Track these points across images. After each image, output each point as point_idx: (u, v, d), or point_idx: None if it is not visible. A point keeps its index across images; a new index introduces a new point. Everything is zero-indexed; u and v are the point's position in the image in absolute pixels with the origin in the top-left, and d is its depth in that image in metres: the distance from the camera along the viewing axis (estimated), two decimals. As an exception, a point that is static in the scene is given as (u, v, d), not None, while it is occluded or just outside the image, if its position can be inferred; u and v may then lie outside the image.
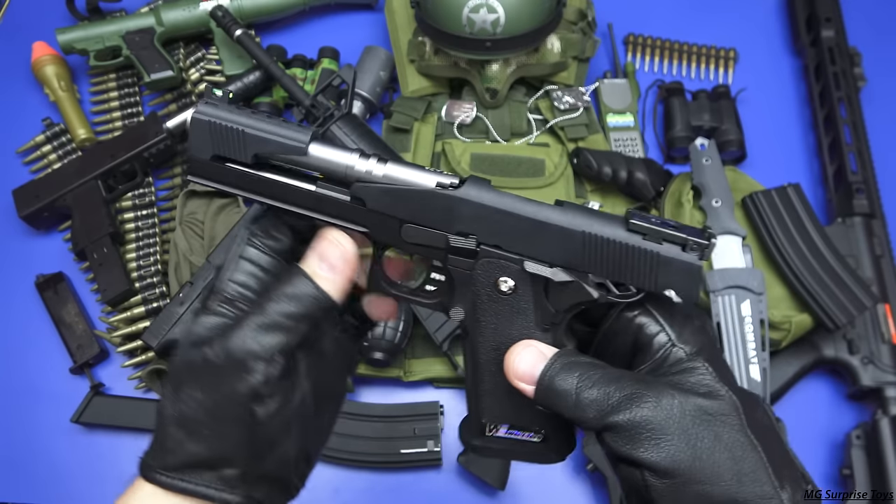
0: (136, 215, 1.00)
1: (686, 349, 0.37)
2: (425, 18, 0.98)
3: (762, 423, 0.36)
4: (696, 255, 0.37)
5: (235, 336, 0.36)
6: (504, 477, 0.84)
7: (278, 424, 0.36)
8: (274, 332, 0.36)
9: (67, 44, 1.08)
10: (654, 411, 0.34)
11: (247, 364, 0.35)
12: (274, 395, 0.36)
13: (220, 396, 0.36)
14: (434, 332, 0.87)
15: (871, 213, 0.98)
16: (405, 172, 0.39)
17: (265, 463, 0.37)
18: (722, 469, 0.33)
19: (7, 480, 0.89)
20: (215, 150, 0.39)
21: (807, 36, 1.14)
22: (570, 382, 0.36)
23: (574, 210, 0.38)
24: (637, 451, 0.34)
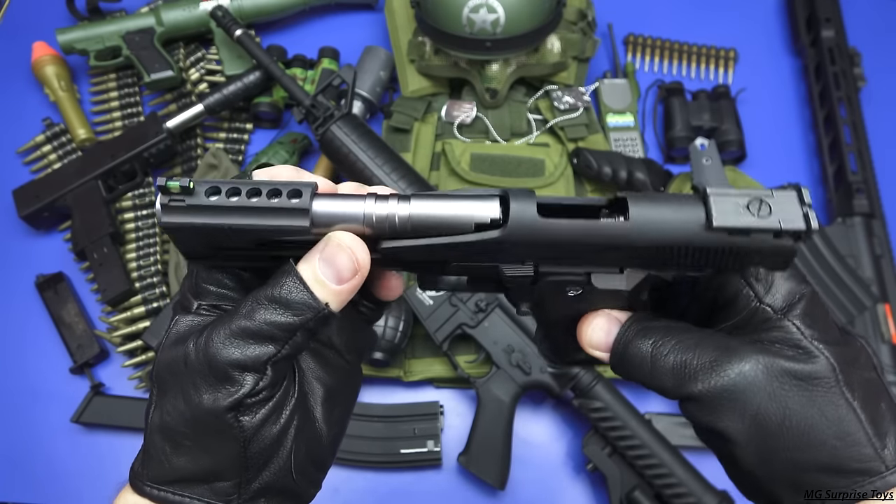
0: (136, 215, 1.00)
1: (775, 305, 0.33)
2: (425, 18, 0.98)
3: (863, 377, 0.33)
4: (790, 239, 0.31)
5: (217, 342, 0.32)
6: (504, 477, 0.84)
7: (272, 434, 0.33)
8: (261, 341, 0.32)
9: (67, 44, 1.08)
10: (737, 379, 0.32)
11: (229, 375, 0.31)
12: (263, 405, 0.33)
13: (202, 409, 0.32)
14: (434, 332, 0.87)
15: (871, 213, 0.98)
16: (435, 207, 0.32)
17: (262, 475, 0.34)
18: (814, 434, 0.31)
19: (7, 480, 0.89)
20: (209, 245, 0.33)
21: (807, 36, 1.15)
22: (645, 350, 0.34)
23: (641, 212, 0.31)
24: (720, 421, 0.32)
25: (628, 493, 0.83)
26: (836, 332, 0.34)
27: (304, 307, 0.32)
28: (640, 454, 0.82)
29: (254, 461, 0.33)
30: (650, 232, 0.31)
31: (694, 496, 0.80)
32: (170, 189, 0.31)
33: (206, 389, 0.32)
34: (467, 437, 0.85)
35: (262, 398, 0.33)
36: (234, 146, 1.07)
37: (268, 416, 0.33)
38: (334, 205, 0.32)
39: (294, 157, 1.02)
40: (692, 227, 0.31)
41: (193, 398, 0.32)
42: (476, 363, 0.89)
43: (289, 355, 0.33)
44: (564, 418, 0.92)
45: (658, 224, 0.31)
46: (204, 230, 0.32)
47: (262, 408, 0.33)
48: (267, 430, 0.33)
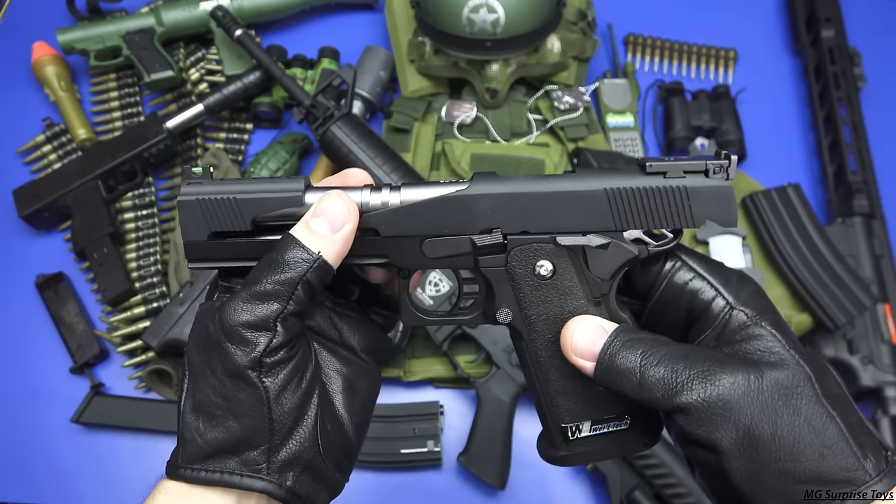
0: (136, 215, 1.00)
1: (747, 311, 0.35)
2: (425, 18, 0.98)
3: (834, 390, 0.34)
4: (721, 177, 0.37)
5: (229, 311, 0.34)
6: (504, 477, 0.84)
7: (295, 398, 0.35)
8: (267, 300, 0.34)
9: (67, 44, 1.08)
10: (731, 389, 0.32)
11: (243, 336, 0.34)
12: (282, 365, 0.35)
13: (227, 373, 0.34)
14: (434, 332, 0.87)
15: (871, 213, 0.98)
16: (419, 193, 0.37)
17: (289, 443, 0.35)
18: (803, 444, 0.32)
19: (7, 480, 0.89)
20: (211, 227, 0.38)
21: (807, 36, 1.14)
22: (634, 360, 0.34)
23: (588, 173, 0.37)
24: (714, 432, 0.32)
25: (628, 493, 0.83)
26: (800, 346, 0.35)
27: (299, 260, 0.35)
28: (639, 454, 0.82)
29: (279, 425, 0.35)
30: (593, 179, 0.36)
31: (694, 496, 0.80)
32: (193, 174, 0.38)
33: (228, 355, 0.34)
34: (467, 437, 0.85)
35: (280, 358, 0.35)
36: (234, 146, 1.07)
37: (289, 379, 0.35)
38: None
39: (294, 157, 1.02)
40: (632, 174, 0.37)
41: (218, 366, 0.35)
42: (476, 363, 0.89)
43: (295, 312, 0.35)
44: (564, 418, 0.92)
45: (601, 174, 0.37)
46: (212, 204, 0.37)
47: (282, 369, 0.35)
48: (289, 393, 0.35)
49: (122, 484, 0.89)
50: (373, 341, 0.41)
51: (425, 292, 0.88)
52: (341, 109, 0.92)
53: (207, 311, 0.36)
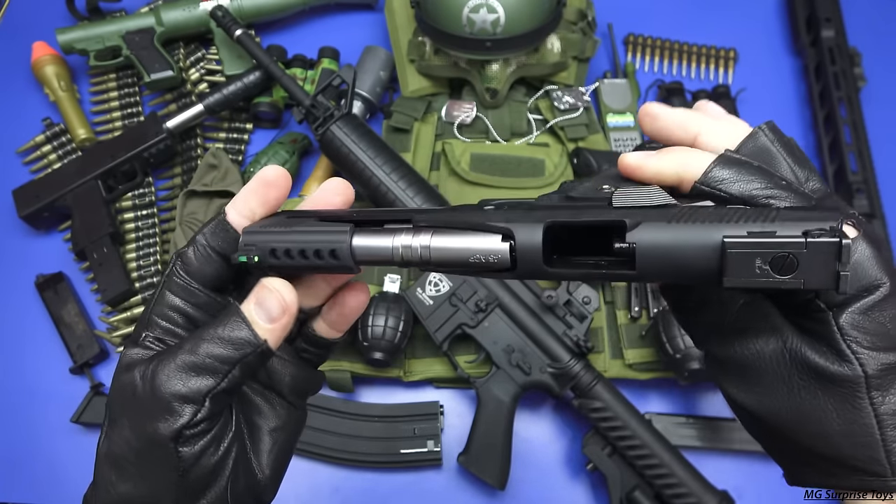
0: (136, 215, 1.00)
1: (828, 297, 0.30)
2: (425, 18, 0.98)
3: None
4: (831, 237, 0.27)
5: (162, 374, 0.34)
6: (504, 477, 0.84)
7: (209, 465, 0.35)
8: (203, 374, 0.34)
9: (67, 44, 1.08)
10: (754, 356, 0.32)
11: (171, 406, 0.33)
12: (202, 437, 0.34)
13: (146, 437, 0.34)
14: (434, 332, 0.87)
15: (871, 213, 0.98)
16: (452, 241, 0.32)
17: (199, 501, 0.35)
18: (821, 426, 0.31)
19: (7, 480, 0.89)
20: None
21: (807, 36, 1.15)
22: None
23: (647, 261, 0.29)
24: (726, 384, 0.33)
25: (628, 493, 0.83)
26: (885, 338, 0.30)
27: (243, 343, 0.34)
28: (640, 454, 0.82)
29: (191, 490, 0.35)
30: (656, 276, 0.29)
31: (694, 496, 0.80)
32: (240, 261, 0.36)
33: (150, 419, 0.33)
34: (467, 437, 0.85)
35: (201, 430, 0.34)
36: (234, 146, 1.07)
37: (206, 448, 0.35)
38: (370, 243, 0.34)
39: (294, 157, 1.02)
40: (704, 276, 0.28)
41: (138, 427, 0.34)
42: (476, 363, 0.89)
43: (227, 389, 0.34)
44: (564, 418, 0.92)
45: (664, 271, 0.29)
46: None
47: (200, 439, 0.34)
48: (205, 460, 0.35)
49: None
50: (302, 380, 0.41)
51: (425, 292, 0.88)
52: (341, 109, 0.92)
53: (138, 363, 0.35)
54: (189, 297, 0.36)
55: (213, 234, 0.36)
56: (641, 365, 0.89)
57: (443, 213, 0.34)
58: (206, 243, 0.36)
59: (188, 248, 0.36)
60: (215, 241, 0.36)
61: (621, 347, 0.90)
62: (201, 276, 0.36)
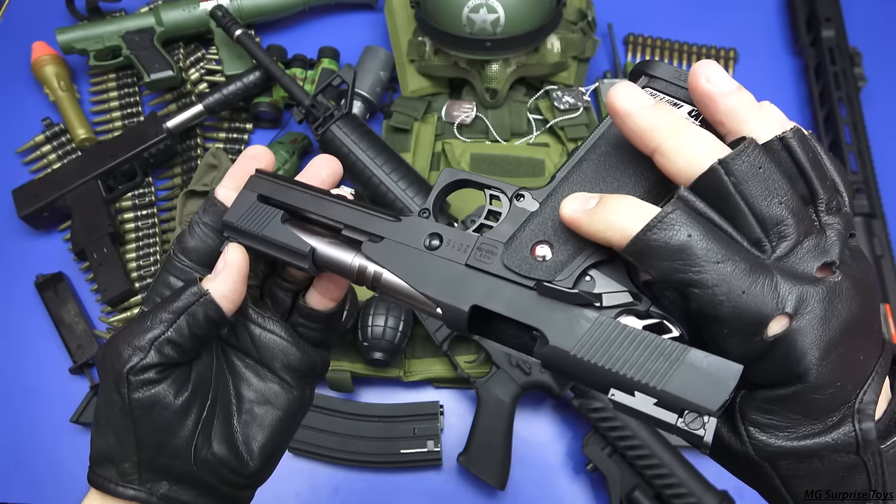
0: (136, 215, 1.00)
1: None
2: (425, 18, 0.98)
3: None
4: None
5: (122, 331, 0.37)
6: (504, 477, 0.84)
7: (163, 417, 0.37)
8: (155, 325, 0.37)
9: (67, 44, 1.08)
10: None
11: (121, 353, 0.36)
12: (151, 385, 0.36)
13: (105, 386, 0.37)
14: (434, 332, 0.87)
15: (872, 213, 0.98)
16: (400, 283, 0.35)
17: (159, 458, 0.37)
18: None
19: (7, 480, 0.89)
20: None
21: (807, 36, 1.14)
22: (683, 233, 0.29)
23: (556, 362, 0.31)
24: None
25: (628, 493, 0.83)
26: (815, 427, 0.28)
27: (188, 294, 0.37)
28: (640, 454, 0.82)
29: (146, 440, 0.37)
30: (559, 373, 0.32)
31: (694, 496, 0.80)
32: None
33: (108, 370, 0.37)
34: (467, 437, 0.85)
35: (149, 378, 0.36)
36: (234, 146, 1.07)
37: (155, 400, 0.37)
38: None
39: (294, 157, 1.02)
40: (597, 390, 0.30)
41: (102, 381, 0.38)
42: (476, 363, 0.89)
43: (173, 339, 0.37)
44: (564, 418, 0.92)
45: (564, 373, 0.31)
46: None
47: (150, 388, 0.36)
48: (156, 412, 0.37)
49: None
50: (296, 358, 0.41)
51: (425, 292, 0.88)
52: (341, 109, 0.92)
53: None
54: (183, 275, 0.39)
55: (205, 211, 0.40)
56: (641, 365, 0.89)
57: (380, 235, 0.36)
58: (199, 221, 0.40)
59: (184, 231, 0.40)
60: (207, 218, 0.40)
61: (621, 347, 0.90)
62: (197, 254, 0.40)
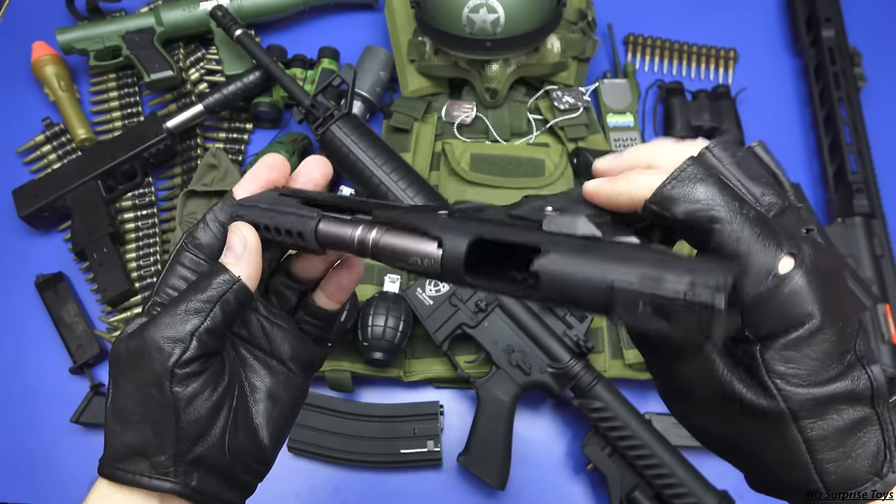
0: (136, 215, 1.00)
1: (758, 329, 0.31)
2: (425, 18, 0.98)
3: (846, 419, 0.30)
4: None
5: (153, 324, 0.37)
6: (504, 477, 0.84)
7: (204, 410, 0.37)
8: (188, 317, 0.37)
9: (67, 44, 1.08)
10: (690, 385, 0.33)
11: (161, 347, 0.36)
12: (193, 378, 0.37)
13: (142, 381, 0.37)
14: (434, 332, 0.87)
15: (872, 213, 0.98)
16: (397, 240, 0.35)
17: (196, 448, 0.38)
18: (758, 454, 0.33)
19: (7, 480, 0.89)
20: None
21: (807, 36, 1.14)
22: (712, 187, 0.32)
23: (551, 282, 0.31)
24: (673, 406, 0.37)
25: (628, 493, 0.83)
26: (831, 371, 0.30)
27: (220, 283, 0.38)
28: (640, 454, 0.82)
29: (187, 433, 0.37)
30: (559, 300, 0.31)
31: (694, 496, 0.80)
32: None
33: (147, 363, 0.37)
34: (467, 437, 0.85)
35: (192, 371, 0.37)
36: (234, 146, 1.07)
37: (198, 391, 0.37)
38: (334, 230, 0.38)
39: (294, 157, 1.02)
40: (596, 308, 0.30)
41: (136, 375, 0.37)
42: (476, 363, 0.89)
43: (211, 328, 0.37)
44: (564, 418, 0.92)
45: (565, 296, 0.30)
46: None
47: (193, 381, 0.37)
48: (199, 403, 0.37)
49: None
50: (302, 351, 0.44)
51: (425, 292, 0.88)
52: (341, 109, 0.92)
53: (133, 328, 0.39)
54: (197, 268, 0.40)
55: (222, 209, 0.41)
56: (641, 365, 0.89)
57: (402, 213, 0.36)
58: (215, 218, 0.41)
59: (197, 225, 0.41)
60: (223, 216, 0.41)
61: (621, 347, 0.90)
62: (210, 250, 0.40)
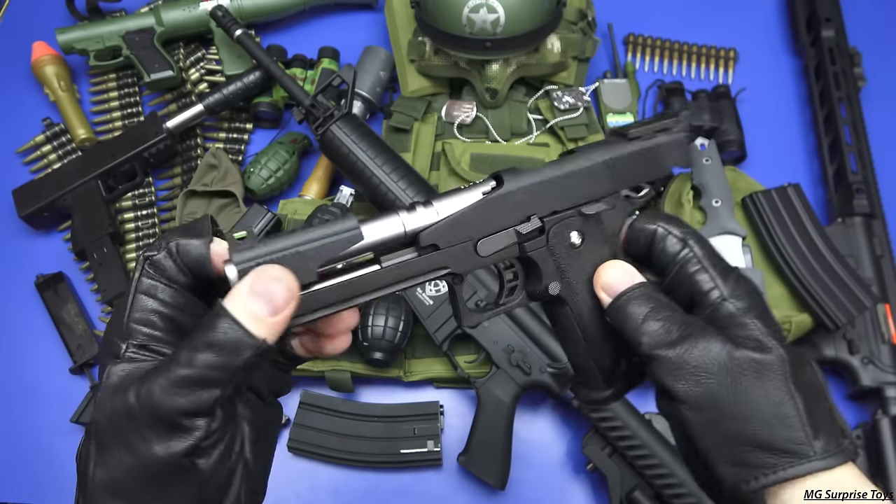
0: (136, 215, 1.00)
1: (737, 304, 0.40)
2: (425, 18, 0.98)
3: (808, 379, 0.38)
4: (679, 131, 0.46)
5: (159, 393, 0.31)
6: (504, 477, 0.84)
7: (225, 473, 0.34)
8: (205, 387, 0.31)
9: (67, 44, 1.08)
10: (703, 353, 0.37)
11: (179, 423, 0.31)
12: (217, 446, 0.33)
13: (156, 459, 0.31)
14: (434, 331, 0.87)
15: (872, 213, 0.98)
16: (453, 202, 0.40)
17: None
18: (757, 411, 0.36)
19: (7, 480, 0.89)
20: None
21: (807, 36, 1.14)
22: (642, 310, 0.40)
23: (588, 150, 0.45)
24: (677, 383, 0.38)
25: (628, 493, 0.83)
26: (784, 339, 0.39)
27: (242, 346, 0.32)
28: (640, 454, 0.82)
29: (210, 502, 0.34)
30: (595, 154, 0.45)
31: (694, 496, 0.80)
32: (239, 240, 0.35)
33: (157, 440, 0.31)
34: (467, 437, 0.85)
35: (216, 440, 0.33)
36: (234, 146, 1.07)
37: (222, 456, 0.33)
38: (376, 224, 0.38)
39: (294, 157, 1.02)
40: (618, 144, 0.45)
41: (143, 450, 0.31)
42: (476, 363, 0.89)
43: (233, 393, 0.33)
44: (564, 418, 0.92)
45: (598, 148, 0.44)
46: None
47: (216, 448, 0.33)
48: (221, 469, 0.33)
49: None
50: (275, 382, 0.42)
51: (425, 293, 0.88)
52: (341, 109, 0.92)
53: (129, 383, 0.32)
54: (168, 297, 0.34)
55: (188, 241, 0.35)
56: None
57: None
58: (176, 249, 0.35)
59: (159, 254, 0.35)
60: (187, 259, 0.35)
61: (621, 347, 0.90)
62: (177, 279, 0.35)
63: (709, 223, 0.92)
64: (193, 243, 0.35)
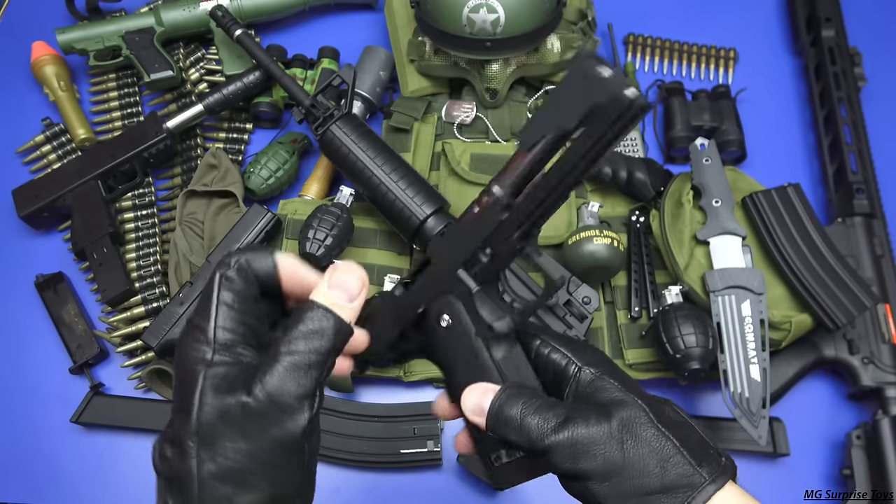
0: (136, 215, 1.00)
1: (592, 370, 0.43)
2: (425, 18, 0.98)
3: (672, 418, 0.41)
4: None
5: (275, 383, 0.36)
6: (504, 477, 0.84)
7: (316, 446, 0.40)
8: (308, 370, 0.37)
9: (67, 44, 1.08)
10: (586, 428, 0.39)
11: (294, 406, 0.36)
12: (316, 429, 0.39)
13: (275, 442, 0.36)
14: (434, 332, 0.87)
15: (872, 213, 0.98)
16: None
17: (310, 495, 0.40)
18: (647, 462, 0.39)
19: (7, 480, 0.89)
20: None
21: (807, 36, 1.14)
22: (516, 410, 0.41)
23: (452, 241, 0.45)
24: (577, 464, 0.39)
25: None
26: (639, 388, 0.42)
27: (334, 330, 0.38)
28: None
29: (309, 483, 0.39)
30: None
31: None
32: None
33: (275, 425, 0.36)
34: (467, 437, 0.85)
35: (316, 424, 0.39)
36: (234, 146, 1.07)
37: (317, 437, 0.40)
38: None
39: (294, 157, 1.02)
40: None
41: (261, 436, 0.36)
42: (476, 363, 0.89)
43: (326, 377, 0.38)
44: (564, 418, 0.92)
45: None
46: None
47: (315, 430, 0.39)
48: (315, 442, 0.39)
49: (122, 484, 0.89)
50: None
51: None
52: (341, 109, 0.92)
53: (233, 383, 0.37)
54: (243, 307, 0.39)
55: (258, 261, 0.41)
56: (641, 365, 0.90)
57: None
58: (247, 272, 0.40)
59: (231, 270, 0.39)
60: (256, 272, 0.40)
61: (621, 347, 0.90)
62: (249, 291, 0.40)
63: (709, 223, 0.92)
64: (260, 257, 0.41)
